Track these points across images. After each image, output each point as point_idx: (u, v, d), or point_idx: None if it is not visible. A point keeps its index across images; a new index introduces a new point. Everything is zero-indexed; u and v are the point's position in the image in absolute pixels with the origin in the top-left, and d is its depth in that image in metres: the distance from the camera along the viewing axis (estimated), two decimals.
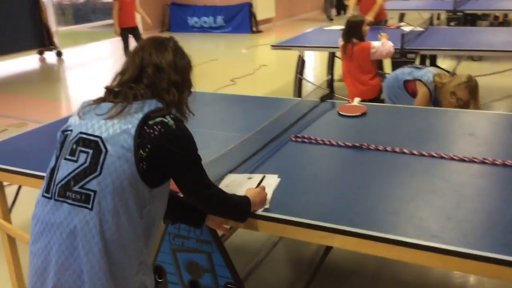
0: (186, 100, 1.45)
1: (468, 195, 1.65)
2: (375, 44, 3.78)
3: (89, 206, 1.26)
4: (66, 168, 1.31)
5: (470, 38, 4.89)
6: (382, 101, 3.83)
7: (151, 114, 1.31)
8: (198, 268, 1.72)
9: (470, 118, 2.52)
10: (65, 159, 1.32)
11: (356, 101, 2.68)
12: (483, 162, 1.87)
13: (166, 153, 1.31)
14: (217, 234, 1.68)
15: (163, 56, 1.38)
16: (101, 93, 1.43)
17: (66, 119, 2.67)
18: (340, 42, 3.91)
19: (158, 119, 1.31)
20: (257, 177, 1.80)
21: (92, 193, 1.26)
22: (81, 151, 1.30)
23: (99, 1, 12.65)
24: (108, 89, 1.40)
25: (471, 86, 3.19)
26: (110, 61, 9.49)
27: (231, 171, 1.87)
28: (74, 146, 1.31)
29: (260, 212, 1.57)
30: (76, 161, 1.30)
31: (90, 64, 8.92)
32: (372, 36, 4.04)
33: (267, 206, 1.59)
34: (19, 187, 2.40)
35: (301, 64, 4.95)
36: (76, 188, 1.28)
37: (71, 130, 1.35)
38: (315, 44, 5.21)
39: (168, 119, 1.32)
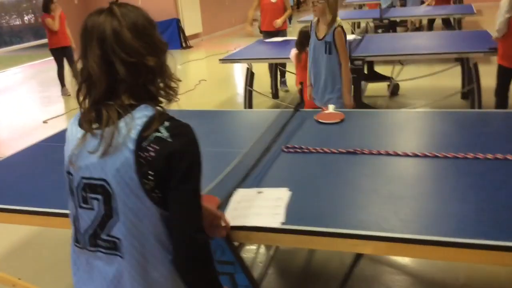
0: (168, 68, 1.22)
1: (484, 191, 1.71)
2: None
3: (120, 254, 1.16)
4: (87, 217, 1.19)
5: (406, 43, 5.17)
6: None
7: (142, 134, 1.11)
8: None
9: (439, 116, 2.64)
10: (81, 207, 1.20)
11: (331, 108, 2.72)
12: (465, 158, 1.95)
13: (169, 171, 1.13)
14: (239, 254, 1.61)
15: (126, 43, 1.11)
16: (33, 119, 1.26)
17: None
18: (294, 51, 3.97)
19: (152, 137, 1.11)
20: (266, 191, 1.76)
21: (118, 240, 1.15)
22: (91, 198, 1.17)
23: (6, 25, 11.98)
24: (86, 116, 1.17)
25: None
26: (33, 85, 8.97)
27: (237, 187, 1.81)
28: (84, 194, 1.18)
29: (283, 226, 1.53)
30: (92, 209, 1.17)
31: (13, 89, 8.42)
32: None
33: (282, 220, 1.55)
34: None
35: (250, 77, 4.96)
36: (104, 237, 1.17)
37: (72, 174, 1.20)
38: (261, 56, 5.24)
39: (163, 131, 1.12)
